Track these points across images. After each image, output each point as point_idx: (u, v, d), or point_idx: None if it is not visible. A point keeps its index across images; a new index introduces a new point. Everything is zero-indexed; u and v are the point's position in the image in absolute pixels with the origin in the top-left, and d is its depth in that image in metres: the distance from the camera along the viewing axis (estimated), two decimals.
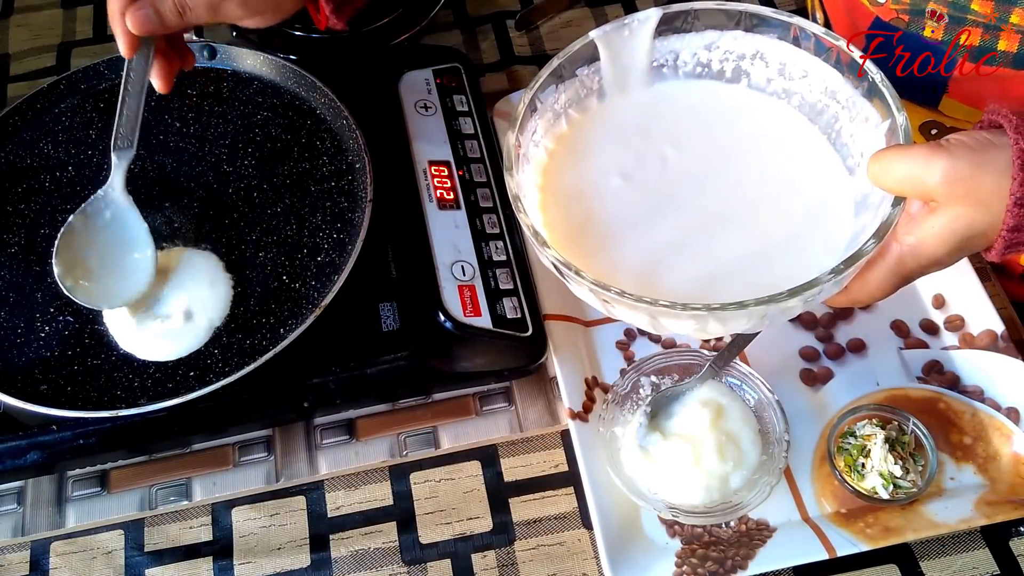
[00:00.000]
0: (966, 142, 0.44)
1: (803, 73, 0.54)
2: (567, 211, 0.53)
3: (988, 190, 0.43)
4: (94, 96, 0.81)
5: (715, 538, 0.61)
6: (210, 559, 0.64)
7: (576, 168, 0.55)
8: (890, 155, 0.45)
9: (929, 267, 0.46)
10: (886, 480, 0.60)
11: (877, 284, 0.47)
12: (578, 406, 0.65)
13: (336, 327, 0.65)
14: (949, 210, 0.44)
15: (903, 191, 0.45)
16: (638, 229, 0.52)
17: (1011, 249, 0.44)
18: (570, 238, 0.51)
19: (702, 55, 0.56)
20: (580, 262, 0.47)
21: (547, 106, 0.55)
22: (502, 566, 0.62)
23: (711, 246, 0.50)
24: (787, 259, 0.49)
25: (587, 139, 0.56)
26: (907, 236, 0.45)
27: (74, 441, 0.63)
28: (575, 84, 0.56)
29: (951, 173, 0.43)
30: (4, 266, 0.71)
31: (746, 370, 0.65)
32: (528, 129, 0.53)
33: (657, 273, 0.49)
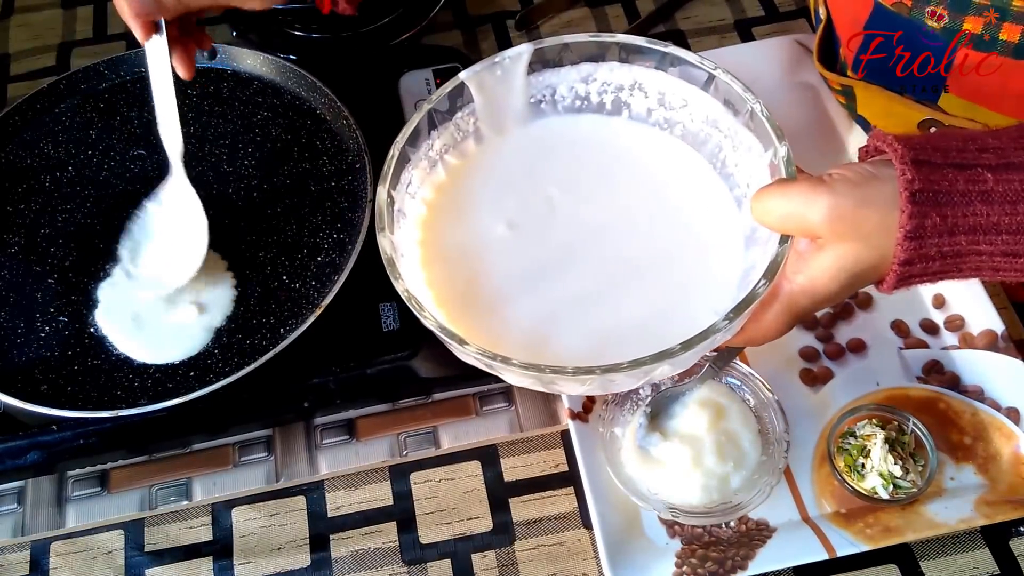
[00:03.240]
0: (848, 177, 0.43)
1: (683, 103, 0.53)
2: (451, 268, 0.50)
3: (872, 226, 0.42)
4: (94, 96, 0.81)
5: (715, 538, 0.61)
6: (210, 559, 0.64)
7: (458, 220, 0.52)
8: (771, 193, 0.44)
9: (822, 303, 0.45)
10: (886, 480, 0.60)
11: (771, 324, 0.46)
12: (578, 406, 0.65)
13: (336, 327, 0.65)
14: (836, 247, 0.43)
15: (787, 230, 0.44)
16: (527, 284, 0.49)
17: (904, 282, 0.43)
18: (456, 297, 0.49)
19: (580, 88, 0.54)
20: (467, 324, 0.45)
21: (421, 154, 0.52)
22: (502, 566, 0.62)
23: (604, 299, 0.48)
24: (681, 305, 0.47)
25: (467, 187, 0.53)
26: (797, 275, 0.44)
27: (74, 441, 0.63)
28: (449, 128, 0.53)
29: (834, 211, 0.42)
30: (4, 266, 0.71)
31: (746, 370, 0.65)
32: (402, 181, 0.50)
33: (549, 333, 0.47)
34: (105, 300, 0.69)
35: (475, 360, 0.44)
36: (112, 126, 0.79)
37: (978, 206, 0.40)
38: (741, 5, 0.92)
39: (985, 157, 0.41)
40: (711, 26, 0.91)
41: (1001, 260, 0.41)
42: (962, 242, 0.41)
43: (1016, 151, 0.41)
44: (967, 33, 0.65)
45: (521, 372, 0.43)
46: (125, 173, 0.76)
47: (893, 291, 0.44)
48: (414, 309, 0.44)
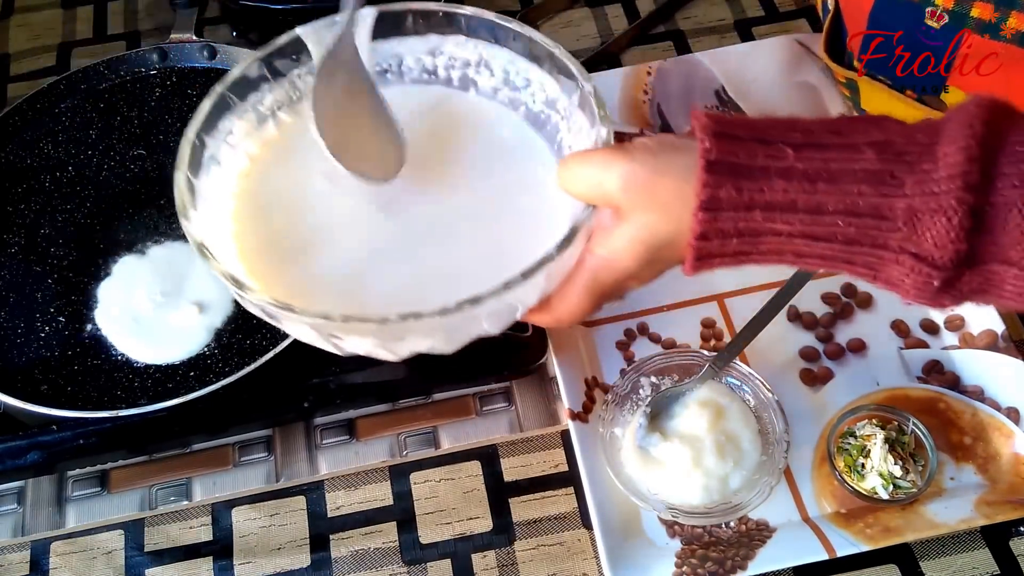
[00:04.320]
0: (648, 145, 0.42)
1: (525, 82, 0.52)
2: (264, 221, 0.49)
3: (669, 194, 0.40)
4: (94, 96, 0.81)
5: (715, 538, 0.61)
6: (210, 559, 0.64)
7: (280, 174, 0.51)
8: (574, 160, 0.44)
9: (625, 281, 0.44)
10: (886, 480, 0.60)
11: (576, 300, 0.45)
12: (578, 406, 0.65)
13: None
14: (634, 218, 0.42)
15: (589, 198, 0.43)
16: (339, 239, 0.48)
17: (704, 262, 0.41)
18: (264, 249, 0.47)
19: (427, 60, 0.53)
20: (271, 276, 0.44)
21: (248, 105, 0.50)
22: (502, 566, 0.62)
23: (419, 256, 0.47)
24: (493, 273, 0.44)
25: (295, 145, 0.52)
26: (599, 247, 0.43)
27: (74, 441, 0.63)
28: (284, 85, 0.52)
29: (630, 177, 0.41)
30: (4, 266, 0.71)
31: (746, 370, 0.65)
32: (220, 129, 0.49)
33: (356, 289, 0.46)
34: (105, 300, 0.69)
35: (259, 311, 0.43)
36: (112, 126, 0.79)
37: (776, 181, 0.39)
38: (741, 5, 0.92)
39: (792, 136, 0.39)
40: (711, 26, 0.91)
41: (801, 243, 0.39)
42: (758, 218, 0.39)
43: (825, 132, 0.40)
44: (975, 20, 0.64)
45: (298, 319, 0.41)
46: (125, 173, 0.76)
47: (694, 272, 0.42)
48: (201, 254, 0.43)
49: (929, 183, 0.37)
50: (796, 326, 0.70)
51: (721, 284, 0.72)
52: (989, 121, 0.37)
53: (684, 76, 0.82)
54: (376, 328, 0.41)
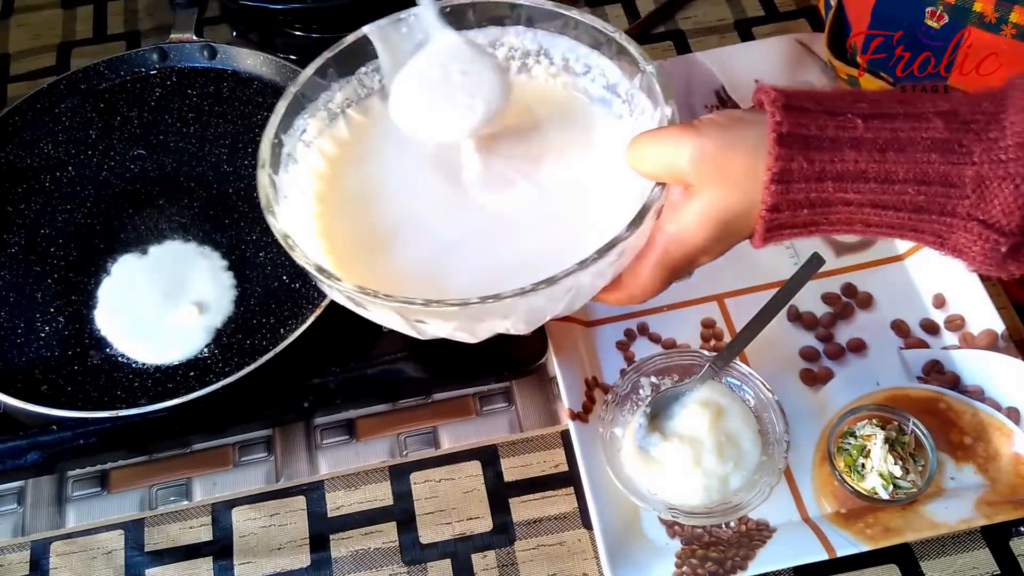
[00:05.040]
0: (717, 120, 0.42)
1: (585, 68, 0.53)
2: (347, 218, 0.50)
3: (739, 169, 0.41)
4: (94, 96, 0.81)
5: (715, 538, 0.61)
6: (210, 559, 0.64)
7: (358, 173, 0.52)
8: (643, 139, 0.44)
9: (695, 256, 0.44)
10: (886, 480, 0.60)
11: (648, 277, 0.45)
12: (578, 406, 0.65)
13: (336, 327, 0.65)
14: (704, 193, 0.42)
15: (659, 176, 0.43)
16: (424, 230, 0.50)
17: (773, 233, 0.42)
18: (349, 246, 0.49)
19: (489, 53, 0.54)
20: (356, 270, 0.46)
21: (319, 104, 0.52)
22: (502, 566, 0.62)
23: (499, 244, 0.49)
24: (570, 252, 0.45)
25: (369, 143, 0.53)
26: (669, 224, 0.44)
27: (74, 441, 0.63)
28: (352, 83, 0.53)
29: (700, 152, 0.41)
30: (4, 266, 0.71)
31: (746, 370, 0.65)
32: (295, 127, 0.51)
33: (438, 275, 0.47)
34: (105, 300, 0.69)
35: (345, 299, 0.45)
36: (112, 126, 0.79)
37: (847, 152, 0.39)
38: (741, 5, 0.92)
39: (859, 107, 0.40)
40: (711, 26, 0.91)
41: (871, 212, 0.40)
42: (829, 188, 0.39)
43: (893, 103, 0.40)
44: (977, 14, 0.64)
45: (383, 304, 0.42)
46: (125, 173, 0.76)
47: (764, 243, 0.42)
48: (286, 246, 0.45)
49: (997, 151, 0.37)
50: (796, 326, 0.70)
51: (721, 284, 0.72)
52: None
53: (684, 76, 0.82)
54: (458, 311, 0.42)
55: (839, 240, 0.73)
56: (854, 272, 0.72)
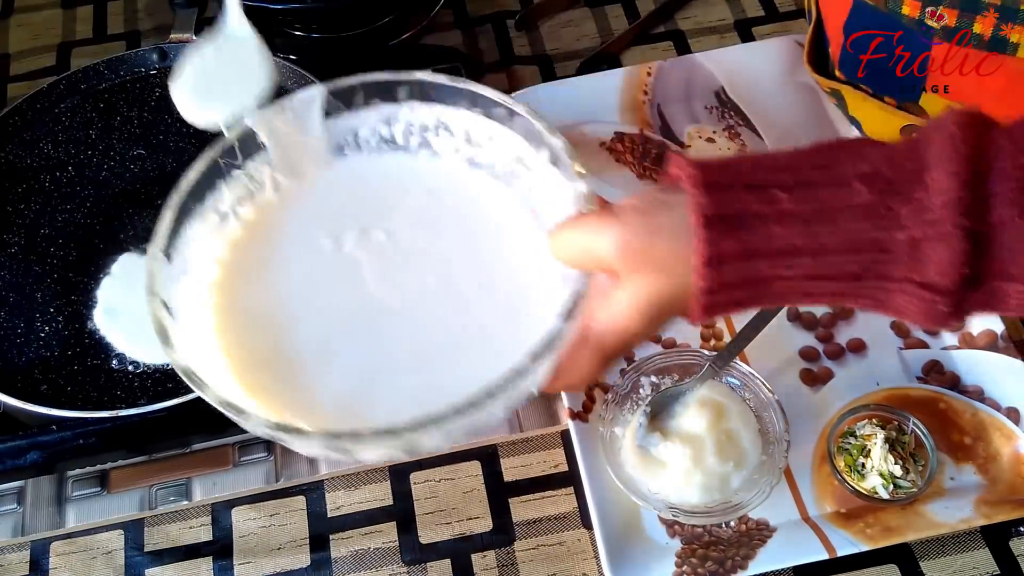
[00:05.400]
0: (637, 206, 0.41)
1: (489, 139, 0.49)
2: (252, 333, 0.46)
3: (665, 255, 0.39)
4: (94, 96, 0.81)
5: (715, 538, 0.61)
6: (210, 559, 0.64)
7: (257, 278, 0.48)
8: (565, 230, 0.43)
9: (631, 341, 0.43)
10: (886, 480, 0.60)
11: (587, 367, 0.43)
12: (578, 406, 0.65)
13: None
14: (632, 281, 0.41)
15: (584, 265, 0.42)
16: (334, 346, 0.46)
17: (712, 311, 0.40)
18: (258, 365, 0.45)
19: (383, 130, 0.51)
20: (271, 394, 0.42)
21: (207, 206, 0.47)
22: (502, 566, 0.62)
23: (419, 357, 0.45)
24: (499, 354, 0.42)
25: (266, 242, 0.49)
26: (600, 313, 0.42)
27: (74, 441, 0.63)
28: (241, 179, 0.49)
29: (623, 242, 0.40)
30: (4, 266, 0.71)
31: (746, 370, 0.65)
32: (185, 238, 0.46)
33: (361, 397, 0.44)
34: (105, 300, 0.69)
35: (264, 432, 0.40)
36: (112, 126, 0.79)
37: (774, 228, 0.38)
38: (741, 5, 0.92)
39: (779, 176, 0.39)
40: (711, 26, 0.91)
41: (809, 284, 0.39)
42: (763, 267, 0.38)
43: (811, 169, 0.39)
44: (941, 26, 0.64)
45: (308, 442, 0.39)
46: (125, 173, 0.76)
47: (704, 322, 0.42)
48: (191, 383, 0.40)
49: (924, 212, 0.37)
50: (796, 326, 0.70)
51: None
52: (972, 140, 0.37)
53: (684, 76, 0.82)
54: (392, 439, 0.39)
55: None
56: None
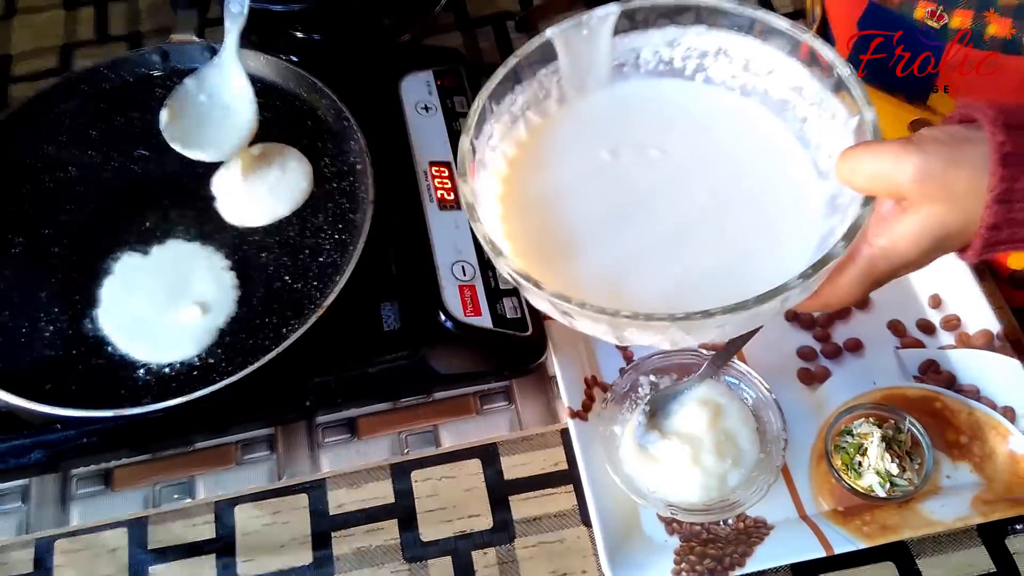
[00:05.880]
0: (939, 137, 0.42)
1: (769, 69, 0.52)
2: (530, 221, 0.51)
3: (963, 187, 0.41)
4: (96, 97, 0.81)
5: (713, 536, 0.61)
6: (213, 557, 0.64)
7: (538, 176, 0.52)
8: (860, 153, 0.44)
9: (901, 269, 0.45)
10: (883, 478, 0.61)
11: (848, 288, 0.45)
12: (577, 405, 0.66)
13: (338, 327, 0.65)
14: (922, 209, 0.42)
15: (873, 190, 0.43)
16: (605, 237, 0.49)
17: (989, 249, 0.42)
18: (533, 249, 0.49)
19: (664, 53, 0.54)
20: (543, 273, 0.45)
21: (503, 109, 0.52)
22: (502, 563, 0.63)
23: (681, 253, 0.48)
24: (758, 264, 0.46)
25: (548, 144, 0.54)
26: (878, 238, 0.44)
27: (78, 440, 0.64)
28: (533, 86, 0.53)
29: (923, 170, 0.41)
30: (7, 266, 0.71)
31: (744, 369, 0.65)
32: (484, 134, 0.51)
33: (625, 282, 0.47)
34: (108, 300, 0.69)
35: (549, 306, 0.44)
36: (114, 127, 0.79)
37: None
38: None
39: None
40: None
41: None
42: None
43: None
44: (955, 28, 0.64)
45: (594, 316, 0.42)
46: (127, 174, 0.77)
47: (978, 258, 0.43)
48: (491, 254, 0.45)
49: None
50: (794, 326, 0.70)
51: None
52: None
53: None
54: (668, 325, 0.41)
55: None
56: None
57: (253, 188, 0.72)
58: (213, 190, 0.74)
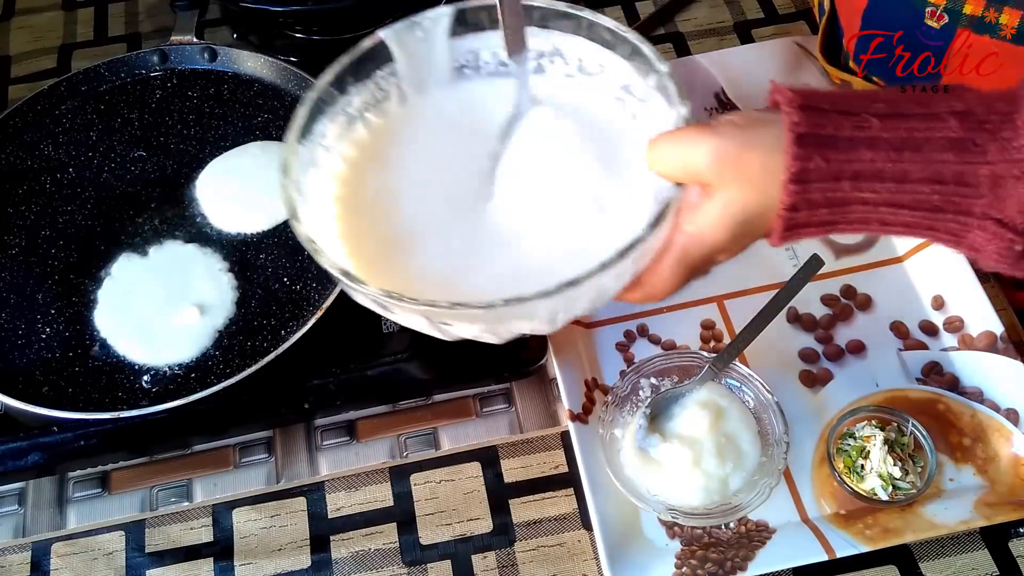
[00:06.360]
0: (735, 120, 0.43)
1: (600, 68, 0.53)
2: (368, 221, 0.51)
3: (757, 168, 0.41)
4: (94, 98, 0.81)
5: (715, 539, 0.61)
6: (211, 560, 0.64)
7: (379, 176, 0.53)
8: (661, 141, 0.44)
9: (715, 255, 0.45)
10: (885, 481, 0.61)
11: (667, 277, 0.46)
12: (578, 408, 0.65)
13: (337, 329, 0.65)
14: (722, 193, 0.43)
15: (678, 176, 0.44)
16: (441, 235, 0.50)
17: (792, 232, 0.42)
18: (370, 248, 0.50)
19: (502, 53, 0.54)
20: (379, 271, 0.46)
21: (337, 109, 0.52)
22: (502, 567, 0.62)
23: (515, 248, 0.49)
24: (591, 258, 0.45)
25: (389, 145, 0.54)
26: (687, 224, 0.44)
27: (75, 442, 0.63)
28: (370, 87, 0.53)
29: (718, 153, 0.41)
30: (5, 267, 0.71)
31: (745, 372, 0.65)
32: (315, 133, 0.51)
33: (461, 278, 0.48)
34: (106, 301, 0.69)
35: (371, 302, 0.45)
36: (112, 128, 0.79)
37: (863, 151, 0.40)
38: (741, 7, 0.92)
39: (876, 107, 0.40)
40: (711, 28, 0.91)
41: (887, 211, 0.41)
42: (847, 188, 0.40)
43: (907, 103, 0.41)
44: (967, 17, 0.64)
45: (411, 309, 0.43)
46: (125, 175, 0.77)
47: (782, 242, 0.43)
48: (311, 251, 0.45)
49: (1011, 150, 0.38)
50: (796, 328, 0.70)
51: (721, 286, 0.72)
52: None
53: (684, 78, 0.81)
54: (483, 313, 0.42)
55: (838, 242, 0.74)
56: (853, 274, 0.72)
57: (246, 191, 0.71)
58: (197, 195, 0.73)
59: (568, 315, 0.47)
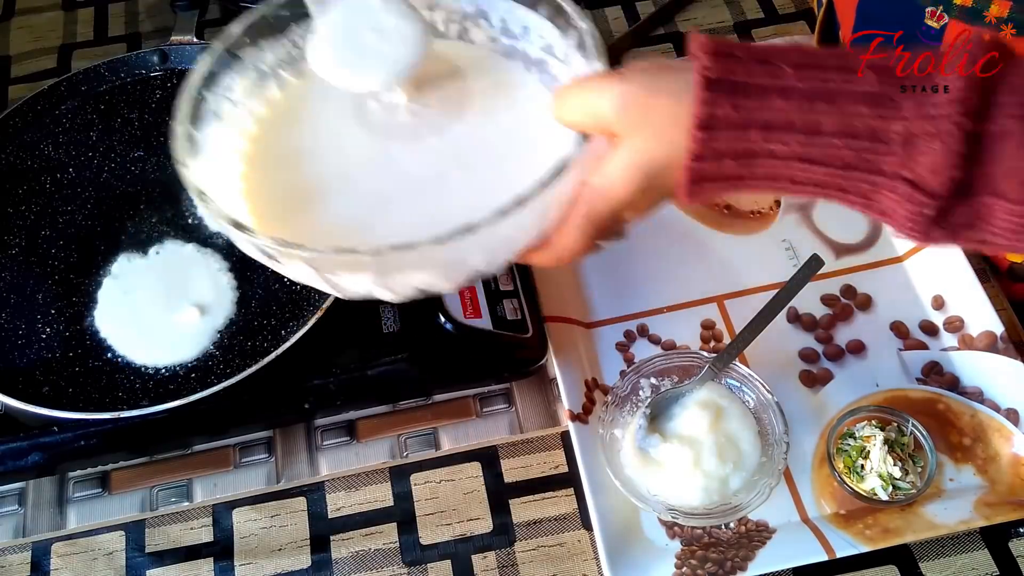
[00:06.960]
0: (644, 67, 0.41)
1: (523, 30, 0.52)
2: (277, 178, 0.50)
3: (664, 115, 0.39)
4: (94, 98, 0.81)
5: (715, 539, 0.61)
6: (211, 560, 0.64)
7: (290, 133, 0.52)
8: (567, 88, 0.43)
9: (620, 210, 0.43)
10: (885, 481, 0.61)
11: (574, 235, 0.44)
12: (578, 408, 0.65)
13: (337, 329, 0.65)
14: (628, 142, 0.40)
15: (584, 125, 0.42)
16: (352, 190, 0.49)
17: (699, 186, 0.40)
18: (276, 205, 0.49)
19: (425, 15, 0.53)
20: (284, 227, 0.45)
21: (247, 64, 0.51)
22: (502, 567, 0.62)
23: (427, 202, 0.48)
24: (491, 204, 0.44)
25: (302, 103, 0.53)
26: (594, 177, 0.42)
27: (75, 442, 0.63)
28: (285, 44, 0.52)
29: (624, 99, 0.39)
30: (5, 267, 0.71)
31: (745, 372, 0.65)
32: (221, 85, 0.50)
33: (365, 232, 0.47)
34: (106, 301, 0.69)
35: (258, 252, 0.44)
36: (112, 128, 0.79)
37: (774, 99, 0.37)
38: (741, 7, 0.92)
39: (791, 56, 0.38)
40: (711, 28, 0.91)
41: (798, 167, 0.38)
42: (755, 138, 0.38)
43: (826, 56, 0.39)
44: (958, 8, 0.64)
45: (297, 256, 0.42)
46: (125, 175, 0.76)
47: (690, 197, 0.41)
48: (199, 200, 0.44)
49: (927, 106, 0.37)
50: (796, 327, 0.70)
51: (721, 286, 0.72)
52: (989, 55, 0.37)
53: None
54: (370, 261, 0.41)
55: (839, 242, 0.74)
56: (853, 274, 0.72)
57: None
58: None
59: (465, 269, 0.45)
